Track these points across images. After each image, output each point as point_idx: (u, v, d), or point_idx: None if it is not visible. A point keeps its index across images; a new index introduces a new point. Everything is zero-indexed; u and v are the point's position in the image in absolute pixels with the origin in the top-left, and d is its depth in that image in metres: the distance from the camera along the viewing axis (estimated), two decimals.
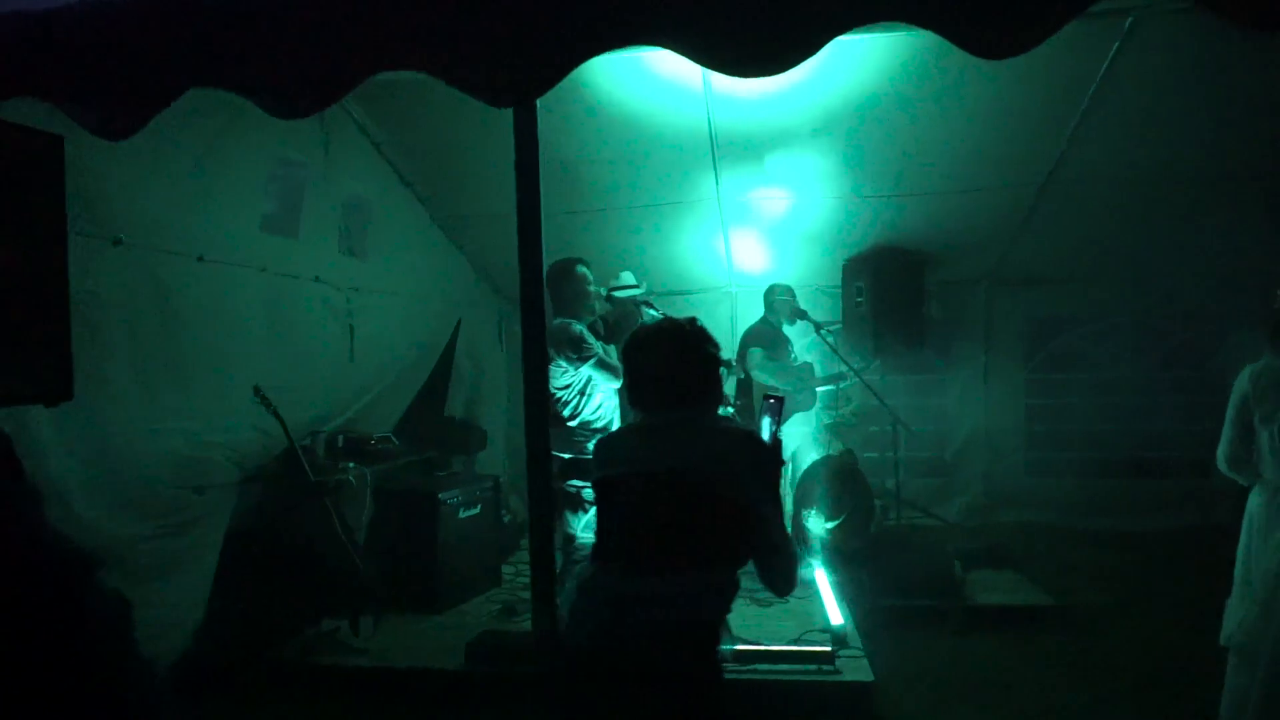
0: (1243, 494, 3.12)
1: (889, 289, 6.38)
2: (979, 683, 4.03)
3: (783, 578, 2.10)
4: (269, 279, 4.57)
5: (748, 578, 2.13)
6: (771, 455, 2.14)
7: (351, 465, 5.12)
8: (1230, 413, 2.95)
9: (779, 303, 5.54)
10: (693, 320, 2.23)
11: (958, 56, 2.11)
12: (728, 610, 2.11)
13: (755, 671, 3.50)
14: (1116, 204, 5.64)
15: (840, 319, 6.81)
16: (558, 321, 4.27)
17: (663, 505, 2.04)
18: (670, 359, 2.16)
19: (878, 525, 4.96)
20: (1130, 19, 4.12)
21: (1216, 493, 5.79)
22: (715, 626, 2.06)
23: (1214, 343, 6.21)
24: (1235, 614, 2.95)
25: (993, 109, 4.87)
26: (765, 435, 2.20)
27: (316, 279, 5.02)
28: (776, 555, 2.07)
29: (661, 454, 2.10)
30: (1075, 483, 6.93)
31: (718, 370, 2.20)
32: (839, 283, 6.83)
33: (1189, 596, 4.91)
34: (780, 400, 2.26)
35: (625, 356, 2.25)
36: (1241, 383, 2.94)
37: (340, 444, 5.30)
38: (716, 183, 5.74)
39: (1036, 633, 4.50)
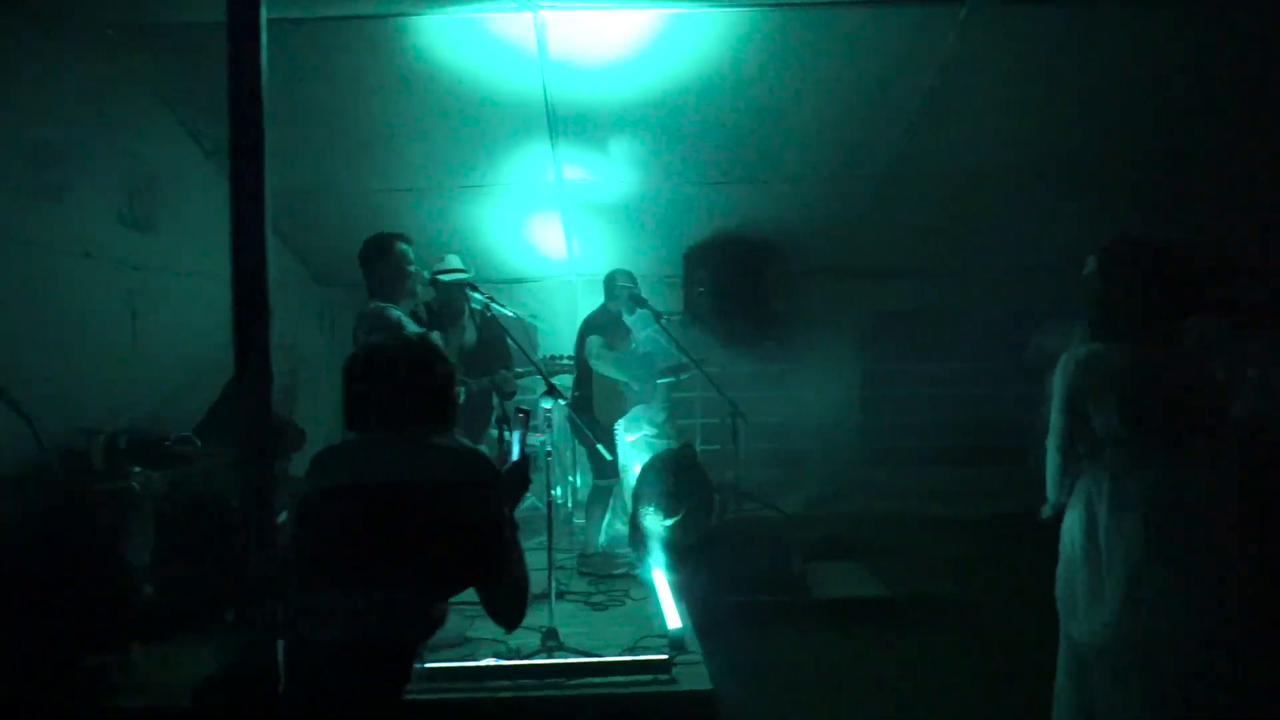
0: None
1: (732, 279, 6.28)
2: (821, 681, 3.91)
3: (509, 609, 1.99)
4: (23, 251, 3.88)
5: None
6: (512, 475, 2.06)
7: (137, 470, 4.45)
8: (1060, 403, 2.88)
9: (619, 289, 5.29)
10: (424, 337, 2.06)
11: (800, 38, 1.90)
12: (423, 641, 1.99)
13: (585, 686, 3.23)
14: (954, 196, 5.74)
15: (683, 310, 6.66)
16: (373, 305, 3.84)
17: (370, 524, 1.92)
18: (398, 378, 2.06)
19: (718, 520, 4.80)
20: (964, 9, 4.13)
21: (1028, 473, 6.03)
22: (405, 657, 1.93)
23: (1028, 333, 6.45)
24: (1091, 614, 2.86)
25: (835, 97, 4.81)
26: (514, 450, 2.13)
27: (87, 254, 4.34)
28: (501, 584, 1.96)
29: (378, 471, 1.99)
30: (914, 471, 7.09)
31: (449, 389, 2.11)
32: (681, 272, 6.66)
33: (1022, 583, 5.04)
34: (527, 413, 2.22)
35: (347, 374, 2.10)
36: (1068, 372, 2.87)
37: (123, 445, 4.61)
38: (554, 162, 5.43)
39: (877, 625, 4.46)
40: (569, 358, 5.10)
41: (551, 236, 6.41)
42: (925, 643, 4.28)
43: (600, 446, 3.75)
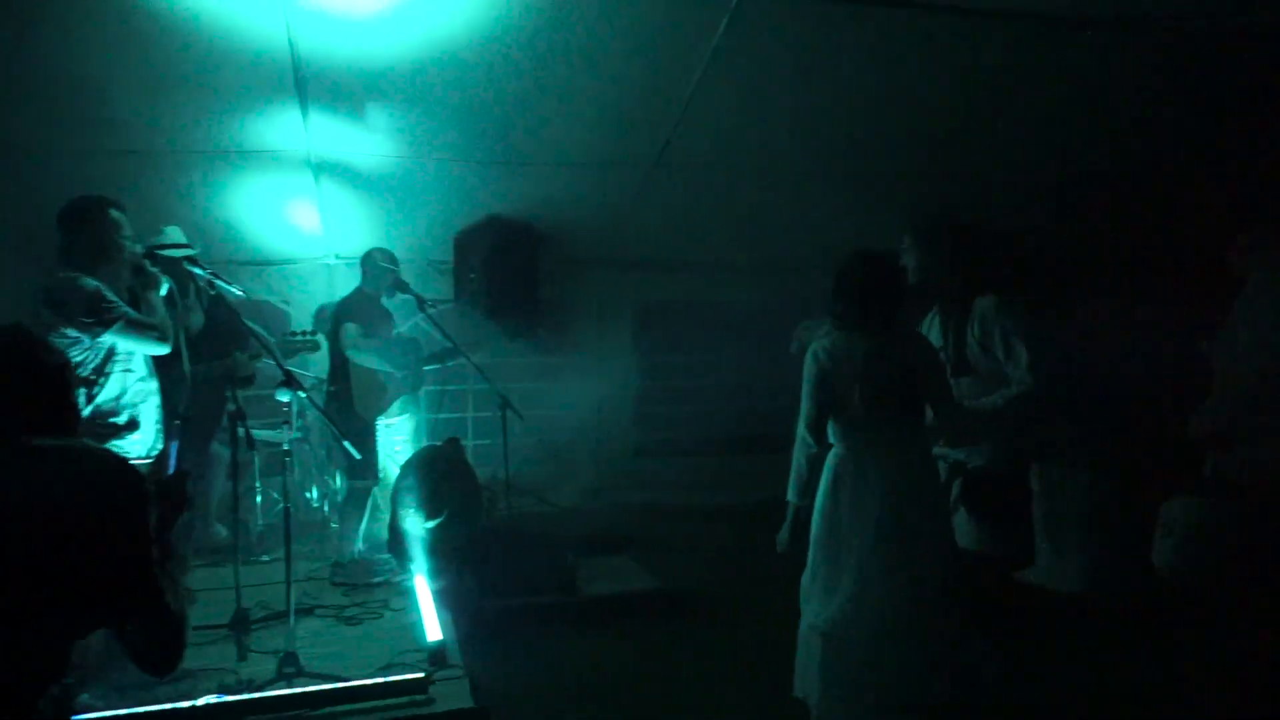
0: None
1: (503, 267, 6.00)
2: (594, 683, 3.77)
3: (158, 651, 1.68)
4: None
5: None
6: (165, 490, 1.73)
7: None
8: (809, 388, 3.06)
9: (379, 270, 4.84)
10: (20, 327, 1.76)
11: (573, 13, 1.69)
12: (45, 686, 1.59)
13: (330, 717, 2.85)
14: (723, 187, 5.80)
15: (454, 297, 6.29)
16: (64, 275, 3.20)
17: None
18: None
19: (487, 519, 4.52)
20: None
21: None
22: (19, 708, 1.54)
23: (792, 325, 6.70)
24: (824, 599, 2.95)
25: (607, 80, 4.66)
26: (171, 462, 1.74)
27: None
28: (147, 620, 1.64)
29: None
30: (685, 462, 7.17)
31: (63, 384, 1.77)
32: (451, 257, 6.29)
33: (790, 570, 5.18)
34: (187, 420, 1.86)
35: None
36: (815, 361, 3.05)
37: None
38: (306, 130, 4.88)
39: (651, 620, 4.40)
40: (308, 333, 4.60)
41: (306, 214, 5.81)
42: (697, 634, 4.26)
43: (347, 444, 3.34)
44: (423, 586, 3.89)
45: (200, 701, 2.77)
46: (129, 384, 3.24)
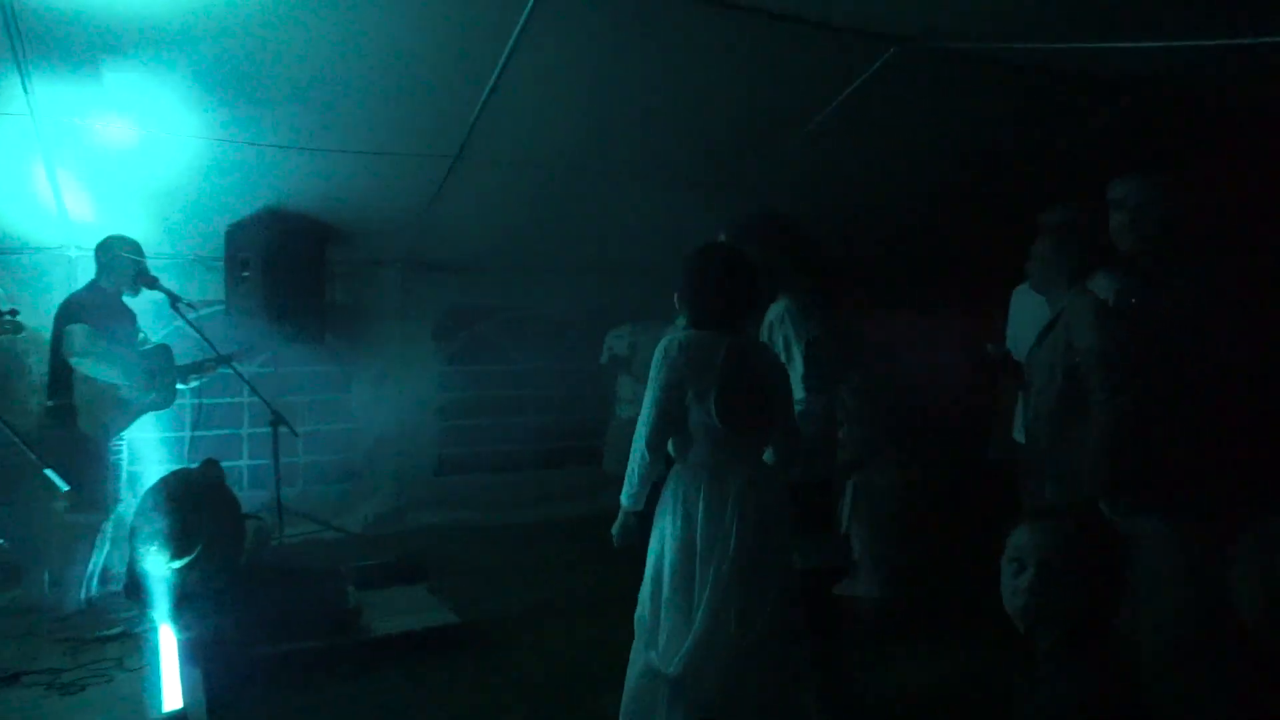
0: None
1: (284, 265, 5.35)
2: None
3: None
4: None
5: None
6: None
7: None
8: (659, 394, 2.63)
9: (119, 261, 4.10)
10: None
11: None
12: None
13: None
14: (531, 186, 5.45)
15: (224, 299, 5.54)
16: None
17: None
18: None
19: (255, 551, 3.90)
20: None
21: (611, 478, 6.05)
22: None
23: (600, 335, 6.46)
24: (674, 638, 2.59)
25: (404, 55, 4.19)
26: None
27: None
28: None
29: None
30: (491, 478, 6.77)
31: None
32: (223, 253, 5.54)
33: (603, 588, 4.89)
34: None
35: None
36: (670, 359, 2.63)
37: None
38: (26, 90, 4.06)
39: (447, 657, 3.94)
40: (8, 314, 3.80)
41: (33, 195, 4.90)
42: (497, 670, 3.86)
43: (49, 472, 2.70)
44: (167, 641, 3.25)
45: None
46: None
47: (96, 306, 3.96)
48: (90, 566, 3.88)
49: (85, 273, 5.29)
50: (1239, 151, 4.81)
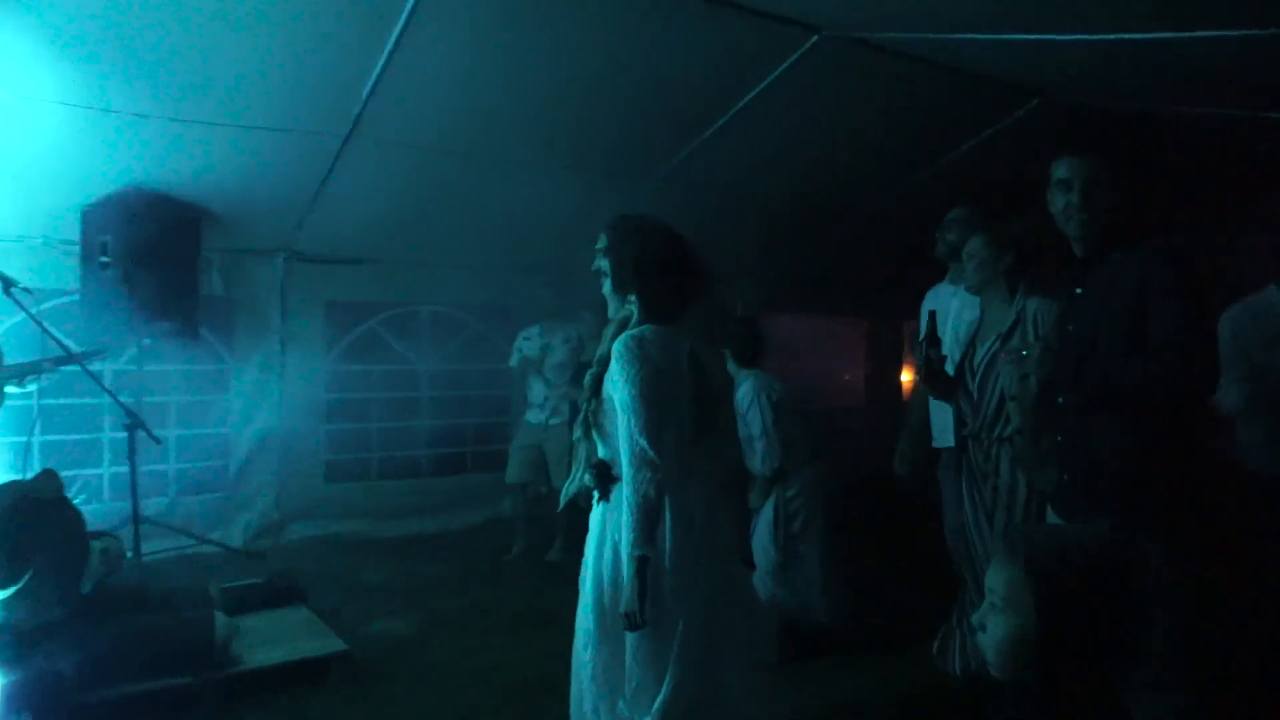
0: None
1: (150, 251, 4.81)
2: None
3: None
4: None
5: None
6: None
7: None
8: (645, 387, 2.22)
9: None
10: None
11: None
12: None
13: None
14: (430, 173, 5.08)
15: (80, 288, 4.95)
16: None
17: None
18: None
19: (103, 576, 3.41)
20: None
21: (509, 486, 5.74)
22: None
23: (505, 335, 6.14)
24: (646, 686, 2.20)
25: (289, 20, 3.77)
26: None
27: None
28: None
29: None
30: (378, 486, 6.32)
31: None
32: (79, 237, 4.94)
33: (488, 605, 4.58)
34: None
35: None
36: (650, 352, 2.27)
37: None
38: None
39: (326, 688, 3.55)
40: None
41: None
42: (387, 706, 3.49)
43: None
44: None
45: None
46: None
47: None
48: None
49: None
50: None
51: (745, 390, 3.92)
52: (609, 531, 2.32)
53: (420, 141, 4.80)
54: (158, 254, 4.83)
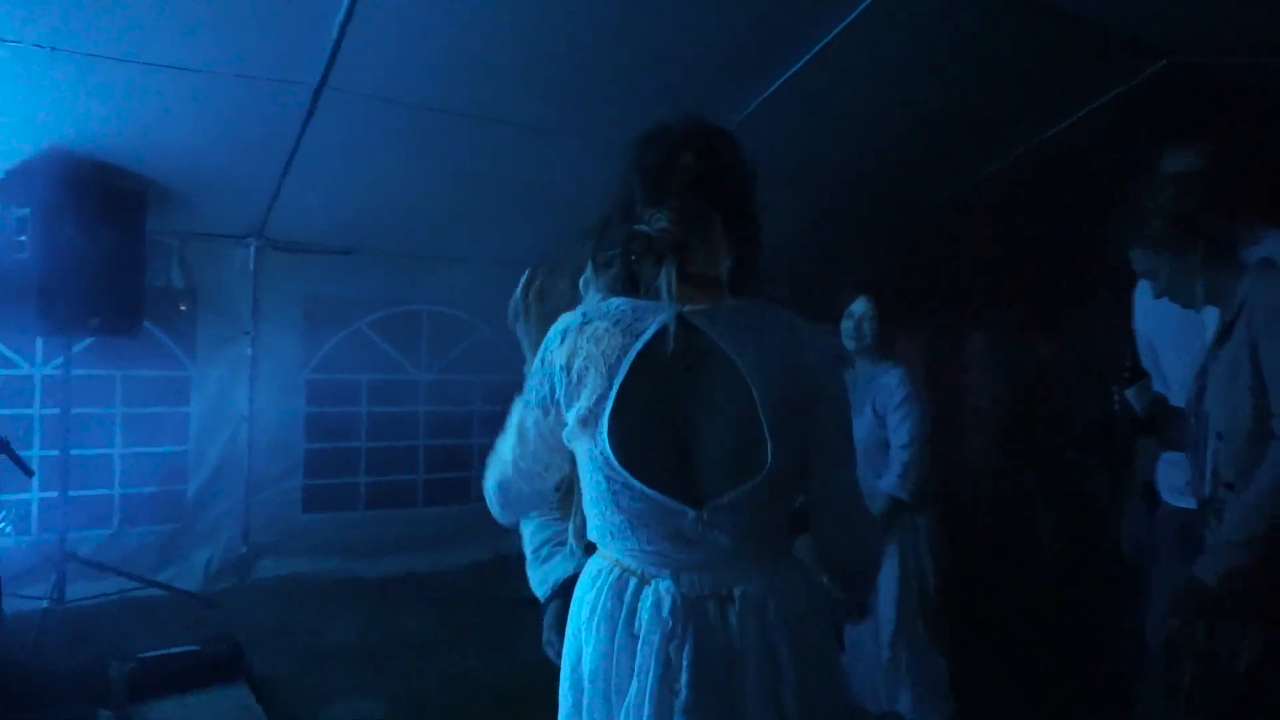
0: None
1: (79, 228, 3.92)
2: None
3: None
4: None
5: None
6: None
7: None
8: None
9: None
10: None
11: None
12: None
13: None
14: (406, 143, 4.18)
15: None
16: None
17: None
18: None
19: None
20: None
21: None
22: None
23: (515, 342, 5.20)
24: None
25: None
26: None
27: None
28: None
29: None
30: (362, 516, 5.38)
31: None
32: None
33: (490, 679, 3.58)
34: None
35: None
36: None
37: None
38: None
39: None
40: None
41: None
42: None
43: None
44: None
45: None
46: None
47: None
48: None
49: None
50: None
51: (894, 383, 3.01)
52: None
53: (407, 97, 3.88)
54: (88, 234, 3.93)
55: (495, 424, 5.33)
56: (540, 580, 1.72)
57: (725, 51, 3.93)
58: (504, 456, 1.56)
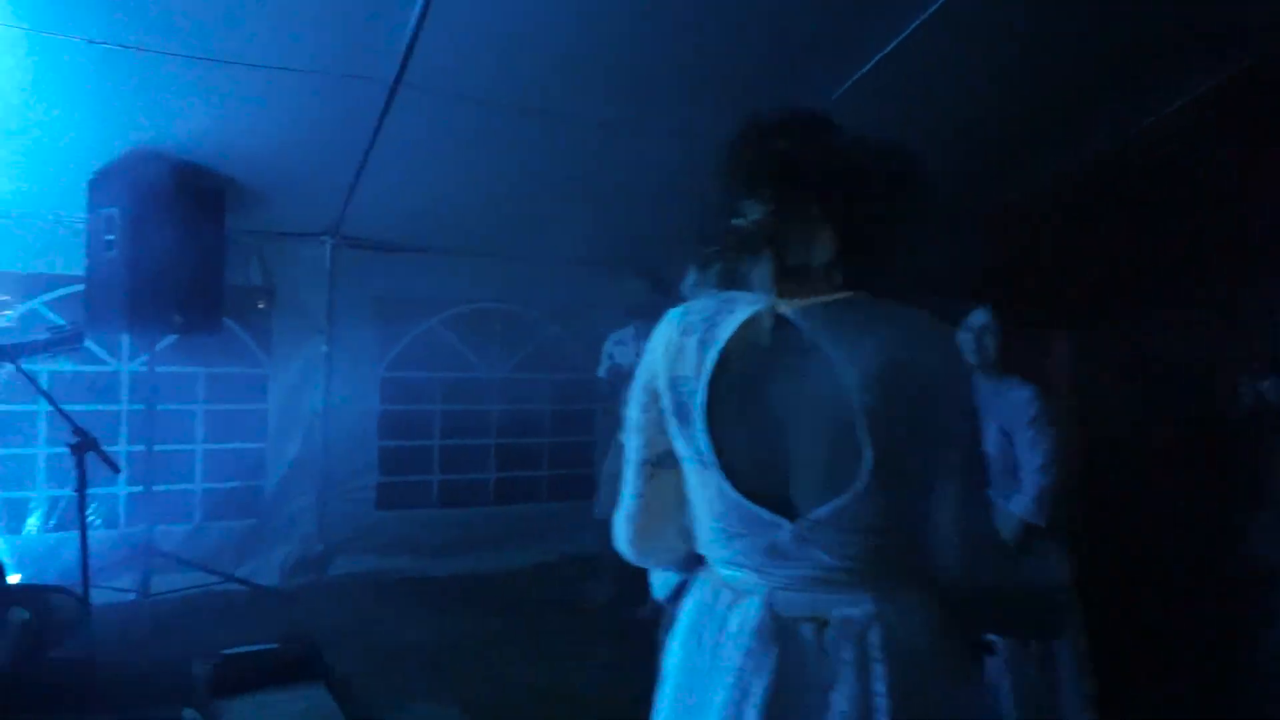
0: None
1: (163, 228, 3.96)
2: None
3: None
4: None
5: None
6: None
7: None
8: None
9: None
10: None
11: None
12: None
13: None
14: (482, 140, 4.13)
15: (86, 274, 4.14)
16: None
17: None
18: None
19: (30, 653, 2.51)
20: None
21: (597, 522, 4.71)
22: None
23: (587, 341, 5.14)
24: None
25: None
26: None
27: None
28: None
29: None
30: (434, 515, 5.37)
31: None
32: (85, 211, 4.13)
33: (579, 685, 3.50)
34: None
35: None
36: None
37: None
38: None
39: None
40: None
41: None
42: None
43: None
44: None
45: None
46: None
47: None
48: None
49: None
50: None
51: (1024, 399, 2.87)
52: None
53: (479, 94, 3.83)
54: (173, 234, 3.98)
55: (565, 422, 5.29)
56: (661, 583, 1.62)
57: (798, 41, 3.78)
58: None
